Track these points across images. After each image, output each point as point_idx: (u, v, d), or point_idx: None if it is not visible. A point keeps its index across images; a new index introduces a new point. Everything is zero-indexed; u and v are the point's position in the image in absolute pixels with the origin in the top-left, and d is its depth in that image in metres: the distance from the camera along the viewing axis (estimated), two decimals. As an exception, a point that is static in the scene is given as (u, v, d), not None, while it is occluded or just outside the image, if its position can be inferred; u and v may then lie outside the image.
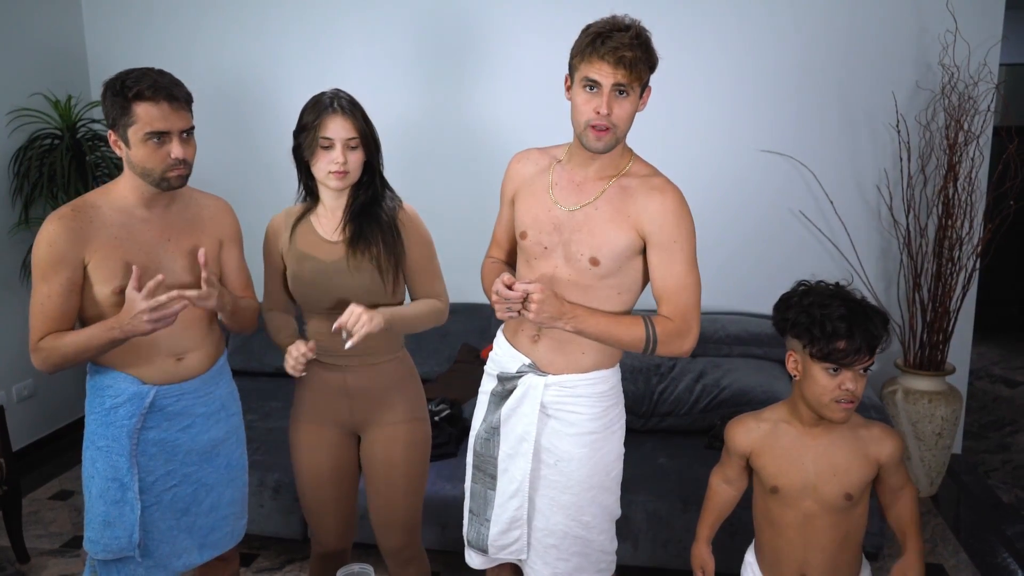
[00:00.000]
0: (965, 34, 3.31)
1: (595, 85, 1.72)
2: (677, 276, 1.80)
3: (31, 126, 3.75)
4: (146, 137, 1.79)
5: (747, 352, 3.36)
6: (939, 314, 3.38)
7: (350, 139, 1.94)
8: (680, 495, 2.69)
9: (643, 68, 1.72)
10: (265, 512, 2.86)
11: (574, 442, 1.90)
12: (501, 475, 1.96)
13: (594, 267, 1.82)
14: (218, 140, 3.92)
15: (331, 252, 2.02)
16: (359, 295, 1.98)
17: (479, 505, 2.01)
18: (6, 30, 3.68)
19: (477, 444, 2.01)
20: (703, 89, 3.57)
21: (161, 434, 1.95)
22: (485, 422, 1.99)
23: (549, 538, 1.93)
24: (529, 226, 1.88)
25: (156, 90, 1.78)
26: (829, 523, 1.74)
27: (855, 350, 1.63)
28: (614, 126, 1.74)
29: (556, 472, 1.91)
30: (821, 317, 1.65)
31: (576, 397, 1.89)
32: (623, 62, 1.69)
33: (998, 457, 3.89)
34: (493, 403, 1.98)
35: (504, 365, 1.97)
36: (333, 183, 1.96)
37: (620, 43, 1.68)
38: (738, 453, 1.86)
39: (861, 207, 3.57)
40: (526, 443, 1.91)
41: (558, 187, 1.86)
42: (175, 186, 1.87)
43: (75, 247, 1.82)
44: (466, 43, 3.69)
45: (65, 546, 3.09)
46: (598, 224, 1.81)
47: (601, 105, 1.71)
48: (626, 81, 1.71)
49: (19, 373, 3.76)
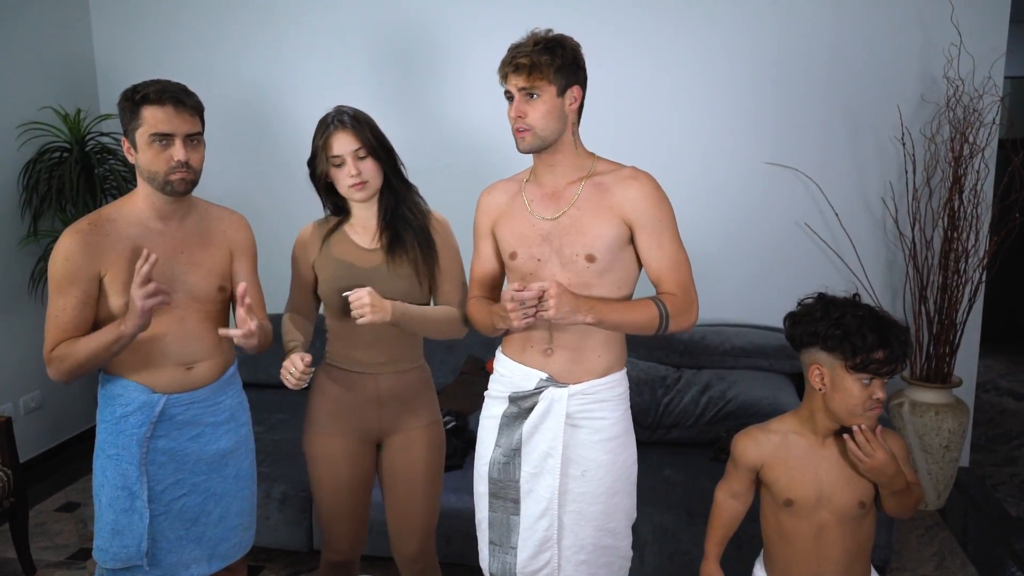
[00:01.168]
0: (970, 47, 3.32)
1: (510, 95, 1.85)
2: (669, 254, 1.87)
3: (40, 139, 3.78)
4: (151, 139, 1.83)
5: (753, 364, 3.36)
6: (945, 326, 3.37)
7: (356, 151, 1.99)
8: (686, 507, 2.69)
9: (545, 69, 1.80)
10: (271, 524, 2.86)
11: (600, 448, 1.91)
12: (525, 497, 1.93)
13: (591, 264, 1.85)
14: (228, 152, 3.95)
15: (369, 259, 2.05)
16: (395, 300, 2.01)
17: (501, 534, 1.97)
18: (16, 43, 3.71)
19: (493, 471, 1.96)
20: (709, 101, 3.59)
21: (170, 443, 1.96)
22: (500, 447, 1.95)
23: (579, 554, 1.93)
24: (517, 245, 1.92)
25: (162, 94, 1.83)
26: (842, 534, 1.74)
27: (893, 359, 1.64)
28: (531, 127, 1.82)
29: (583, 483, 1.91)
30: (857, 329, 1.65)
31: (600, 403, 1.91)
32: (520, 68, 1.81)
33: (1006, 470, 3.87)
34: (506, 425, 1.95)
35: (517, 384, 1.94)
36: (356, 196, 2.01)
37: (517, 52, 1.82)
38: (747, 466, 1.84)
39: (867, 219, 3.57)
40: (552, 459, 1.89)
41: (535, 202, 1.92)
42: (179, 191, 1.88)
43: (91, 261, 1.85)
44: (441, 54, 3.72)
45: (71, 558, 3.09)
46: (585, 223, 1.85)
47: (511, 109, 1.84)
48: (528, 84, 1.81)
49: (27, 385, 3.77)
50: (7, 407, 3.69)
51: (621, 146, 3.48)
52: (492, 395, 2.02)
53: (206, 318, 1.98)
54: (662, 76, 3.60)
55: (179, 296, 1.93)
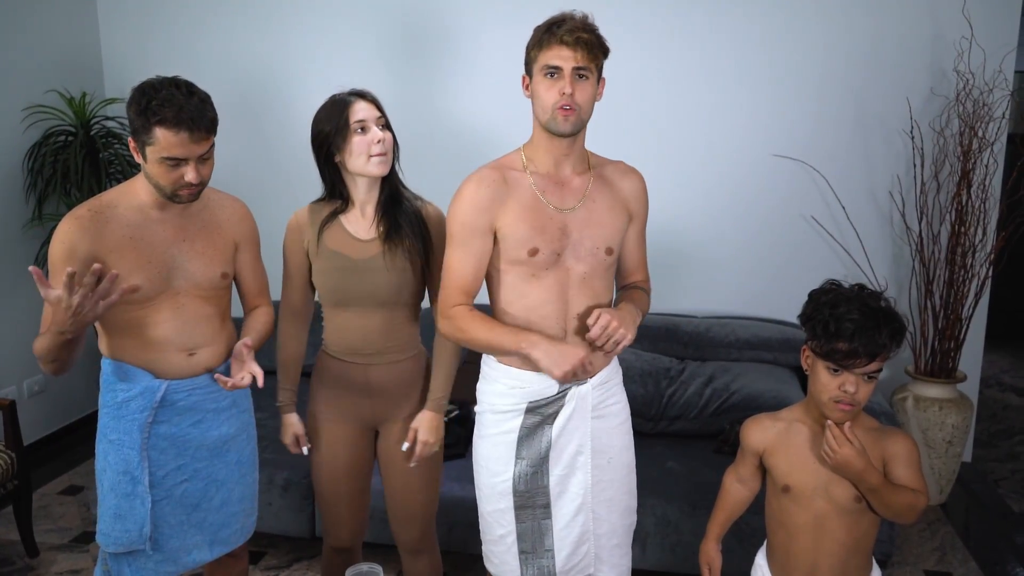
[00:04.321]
0: (980, 41, 3.30)
1: (556, 71, 1.74)
2: (644, 246, 2.03)
3: (45, 123, 3.77)
4: (162, 160, 1.79)
5: (757, 357, 3.35)
6: (951, 321, 3.36)
7: (379, 118, 1.99)
8: (689, 499, 2.69)
9: (598, 52, 1.77)
10: (274, 510, 2.87)
11: (621, 431, 1.97)
12: (556, 500, 1.90)
13: (609, 256, 1.88)
14: (231, 139, 3.93)
15: (364, 250, 2.02)
16: (389, 292, 2.01)
17: (532, 543, 1.92)
18: (22, 28, 3.70)
19: (519, 484, 1.89)
20: (717, 93, 3.57)
21: (172, 429, 1.96)
22: (524, 459, 1.88)
23: (613, 539, 1.97)
24: (538, 241, 1.81)
25: (179, 120, 1.74)
26: (841, 526, 1.74)
27: (852, 353, 1.63)
28: (579, 107, 1.75)
29: (611, 471, 1.94)
30: (830, 316, 1.66)
31: (615, 387, 1.97)
32: (581, 43, 1.72)
33: (1008, 466, 3.87)
34: (527, 437, 1.88)
35: (537, 393, 1.87)
36: (376, 166, 1.96)
37: (575, 26, 1.73)
38: (752, 451, 1.87)
39: (874, 213, 3.56)
40: (583, 455, 1.89)
41: (547, 193, 1.84)
42: (184, 201, 1.88)
43: (90, 248, 1.82)
44: (443, 42, 3.70)
45: (74, 541, 3.11)
46: (603, 215, 1.86)
47: (565, 86, 1.73)
48: (585, 63, 1.74)
49: (30, 369, 3.78)
50: (11, 390, 3.70)
51: (627, 137, 3.48)
52: (502, 410, 1.91)
53: (207, 304, 1.97)
54: (669, 68, 3.58)
55: (181, 283, 1.92)
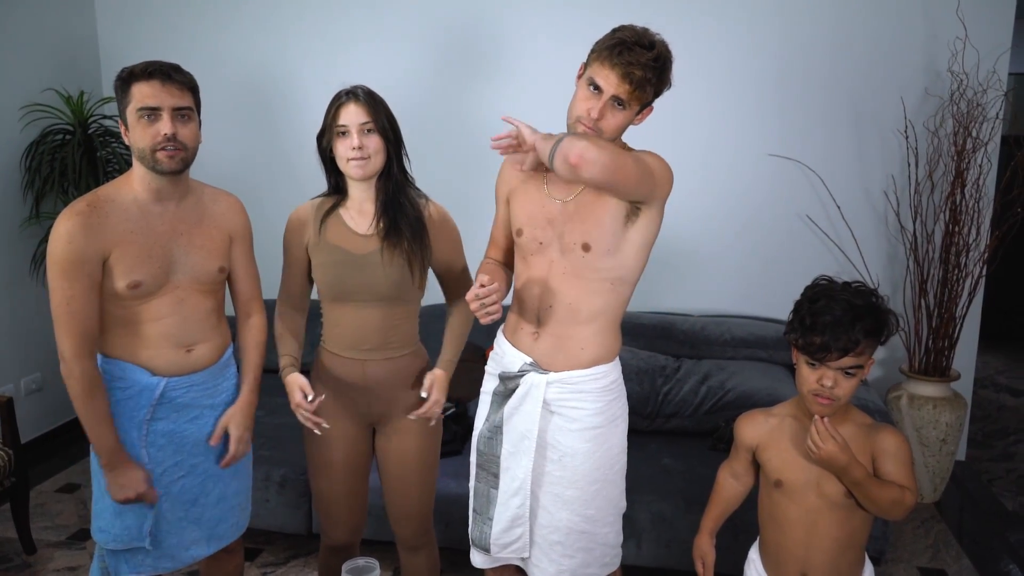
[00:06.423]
0: (974, 41, 3.32)
1: (598, 89, 1.77)
2: None
3: (43, 121, 3.78)
4: (139, 114, 1.81)
5: (752, 355, 3.37)
6: (945, 320, 3.38)
7: (364, 124, 1.96)
8: (684, 496, 2.70)
9: (648, 90, 1.77)
10: (271, 507, 2.88)
11: (578, 437, 1.91)
12: (503, 473, 1.97)
13: (586, 253, 1.84)
14: (232, 138, 3.95)
15: (363, 245, 2.03)
16: (388, 288, 2.02)
17: (482, 504, 2.03)
18: (20, 26, 3.71)
19: (480, 443, 2.02)
20: (712, 93, 3.58)
21: (170, 425, 1.97)
22: (488, 421, 2.01)
23: (554, 534, 1.94)
24: (524, 223, 1.92)
25: (151, 70, 1.82)
26: (833, 521, 1.75)
27: (824, 347, 1.66)
28: (600, 131, 1.78)
29: (560, 467, 1.92)
30: (808, 310, 1.69)
31: (579, 393, 1.90)
32: (629, 78, 1.73)
33: (1002, 466, 3.89)
34: (495, 402, 1.99)
35: (506, 364, 1.98)
36: (354, 170, 1.98)
37: (635, 60, 1.71)
38: (745, 447, 1.88)
39: (868, 212, 3.58)
40: (527, 440, 1.92)
41: (552, 182, 1.90)
42: (168, 168, 1.85)
43: (94, 243, 1.81)
44: (482, 45, 3.71)
45: (71, 538, 3.11)
46: (589, 207, 1.85)
47: (595, 108, 1.76)
48: (626, 97, 1.75)
49: (28, 366, 3.77)
50: (8, 388, 3.70)
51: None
52: (489, 371, 2.06)
53: (206, 299, 1.98)
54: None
55: (180, 277, 1.93)
